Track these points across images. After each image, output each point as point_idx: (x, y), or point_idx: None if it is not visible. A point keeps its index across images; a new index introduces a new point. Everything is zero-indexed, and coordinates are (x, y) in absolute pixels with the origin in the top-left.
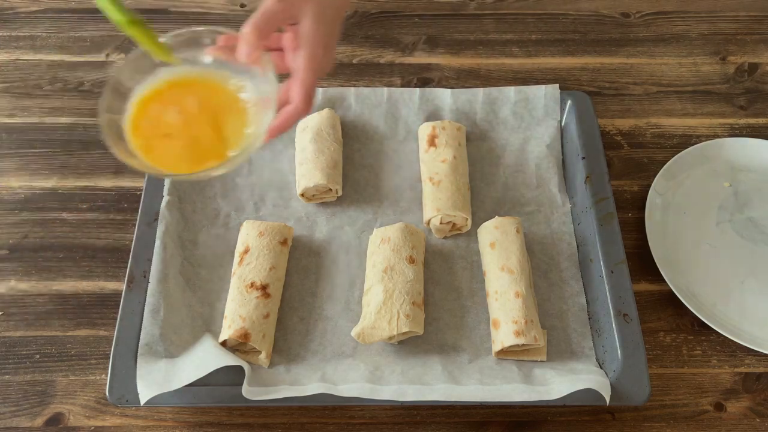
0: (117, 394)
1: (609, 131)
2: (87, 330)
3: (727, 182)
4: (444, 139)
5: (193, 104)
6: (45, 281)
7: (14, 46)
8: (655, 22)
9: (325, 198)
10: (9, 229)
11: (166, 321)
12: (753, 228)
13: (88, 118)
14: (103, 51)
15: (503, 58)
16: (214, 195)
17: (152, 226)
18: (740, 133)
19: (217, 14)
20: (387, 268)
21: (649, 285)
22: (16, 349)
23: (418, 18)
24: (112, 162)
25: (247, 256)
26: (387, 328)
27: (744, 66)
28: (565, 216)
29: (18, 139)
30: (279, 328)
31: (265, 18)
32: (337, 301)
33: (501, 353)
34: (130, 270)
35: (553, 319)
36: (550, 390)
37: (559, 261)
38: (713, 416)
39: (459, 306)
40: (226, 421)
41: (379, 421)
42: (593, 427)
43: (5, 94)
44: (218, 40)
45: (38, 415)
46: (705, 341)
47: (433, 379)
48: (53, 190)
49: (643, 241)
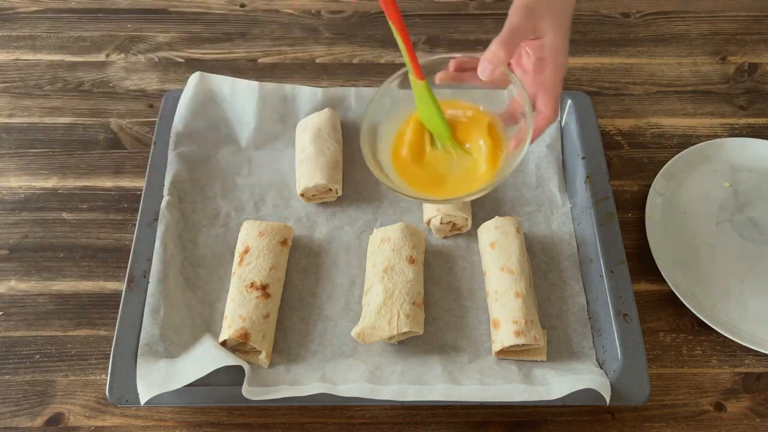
0: (117, 394)
1: (609, 131)
2: (87, 330)
3: (727, 182)
4: None
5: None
6: (45, 281)
7: (14, 46)
8: (655, 22)
9: (325, 198)
10: (9, 229)
11: (166, 321)
12: (753, 228)
13: (88, 118)
14: (103, 51)
15: None
16: (214, 195)
17: (152, 226)
18: (740, 133)
19: (217, 14)
20: (387, 268)
21: (649, 285)
22: (16, 349)
23: (418, 18)
24: (112, 162)
25: (247, 256)
26: (387, 328)
27: (744, 66)
28: (565, 216)
29: (18, 139)
30: (279, 328)
31: (513, 34)
32: (337, 301)
33: (501, 353)
34: (130, 270)
35: (553, 319)
36: (550, 390)
37: (559, 261)
38: (713, 416)
39: (459, 306)
40: (226, 421)
41: (379, 421)
42: (593, 427)
43: (5, 94)
44: (451, 64)
45: (38, 415)
46: (705, 341)
47: (433, 379)
48: (53, 190)
49: (643, 241)
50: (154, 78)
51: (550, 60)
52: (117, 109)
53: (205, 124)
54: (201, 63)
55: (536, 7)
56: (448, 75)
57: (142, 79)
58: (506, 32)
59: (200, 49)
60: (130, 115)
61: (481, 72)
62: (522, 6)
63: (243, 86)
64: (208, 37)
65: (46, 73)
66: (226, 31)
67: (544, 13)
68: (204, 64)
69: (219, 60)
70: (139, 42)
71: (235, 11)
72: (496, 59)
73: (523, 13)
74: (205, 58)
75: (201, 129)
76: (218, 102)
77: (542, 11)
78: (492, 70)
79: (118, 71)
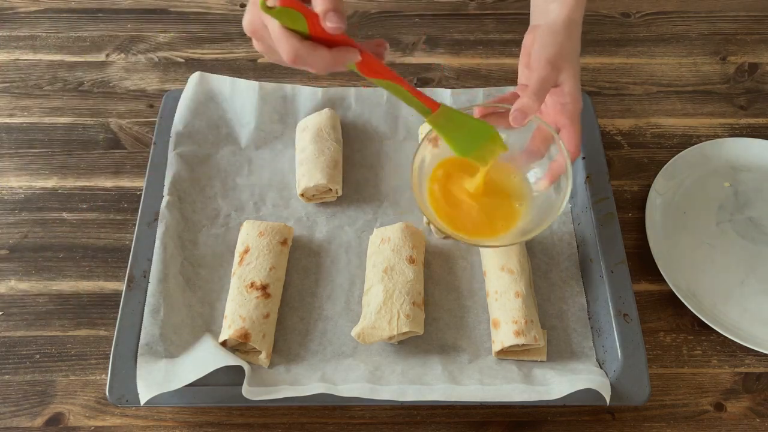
0: (117, 394)
1: (609, 131)
2: (87, 330)
3: (727, 182)
4: None
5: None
6: (45, 281)
7: (14, 46)
8: (655, 22)
9: (325, 198)
10: (9, 229)
11: (166, 321)
12: (753, 228)
13: (88, 118)
14: (103, 51)
15: (503, 58)
16: (214, 195)
17: (152, 226)
18: (740, 133)
19: (217, 14)
20: (387, 268)
21: (649, 285)
22: (16, 349)
23: (418, 18)
24: (112, 162)
25: (247, 256)
26: (387, 328)
27: (744, 66)
28: (565, 216)
29: (18, 139)
30: (279, 328)
31: (543, 86)
32: (337, 301)
33: (501, 353)
34: (130, 270)
35: (553, 319)
36: (550, 390)
37: (559, 261)
38: (713, 416)
39: (459, 306)
40: (226, 421)
41: (379, 421)
42: (593, 427)
43: (5, 94)
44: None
45: (38, 415)
46: (705, 341)
47: (433, 379)
48: (53, 190)
49: (643, 241)
50: (154, 78)
51: (570, 105)
52: (117, 109)
53: (205, 124)
54: (201, 63)
55: (557, 61)
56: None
57: (142, 79)
58: (537, 85)
59: (200, 49)
60: (130, 115)
61: (514, 120)
62: (546, 60)
63: (243, 86)
64: (208, 37)
65: (46, 73)
66: (226, 31)
67: (564, 66)
68: (204, 64)
69: (219, 60)
70: (139, 42)
71: (235, 11)
72: (530, 110)
73: (548, 66)
74: (205, 58)
75: (201, 129)
76: (218, 102)
77: (562, 64)
78: (524, 119)
79: (118, 71)
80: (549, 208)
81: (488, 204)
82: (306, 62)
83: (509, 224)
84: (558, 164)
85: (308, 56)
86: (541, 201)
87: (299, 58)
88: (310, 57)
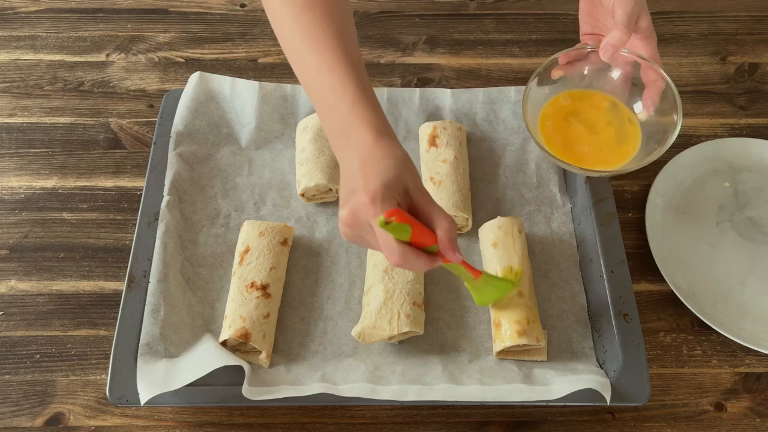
0: (117, 394)
1: None
2: (87, 330)
3: (727, 182)
4: (445, 139)
5: (591, 110)
6: (45, 281)
7: (14, 46)
8: (655, 22)
9: (325, 198)
10: (9, 229)
11: (166, 321)
12: (753, 228)
13: (88, 118)
14: (103, 51)
15: (503, 58)
16: (215, 195)
17: (152, 226)
18: (740, 133)
19: (217, 14)
20: (387, 268)
21: (649, 285)
22: (16, 349)
23: (418, 18)
24: (112, 162)
25: (248, 256)
26: (387, 328)
27: (744, 66)
28: (565, 216)
29: (18, 139)
30: (279, 328)
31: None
32: (337, 301)
33: (502, 353)
34: (130, 270)
35: (554, 319)
36: (550, 390)
37: (560, 261)
38: (713, 416)
39: (459, 306)
40: (226, 421)
41: (379, 421)
42: (593, 427)
43: (5, 94)
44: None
45: (38, 415)
46: (705, 341)
47: (433, 379)
48: (53, 190)
49: (643, 241)
50: (154, 78)
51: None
52: (117, 109)
53: (206, 124)
54: (201, 63)
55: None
56: (561, 68)
57: (142, 79)
58: (626, 18)
59: (200, 49)
60: (130, 115)
61: (604, 53)
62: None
63: (243, 86)
64: (208, 37)
65: (46, 73)
66: (226, 31)
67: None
68: (204, 64)
69: (219, 60)
70: (139, 42)
71: (235, 11)
72: (621, 42)
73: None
74: (205, 58)
75: (201, 129)
76: (218, 102)
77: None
78: (615, 51)
79: (118, 71)
80: (661, 131)
81: (607, 134)
82: (410, 265)
83: (630, 151)
84: (657, 86)
85: (414, 260)
86: (650, 127)
87: (406, 262)
88: (415, 261)
